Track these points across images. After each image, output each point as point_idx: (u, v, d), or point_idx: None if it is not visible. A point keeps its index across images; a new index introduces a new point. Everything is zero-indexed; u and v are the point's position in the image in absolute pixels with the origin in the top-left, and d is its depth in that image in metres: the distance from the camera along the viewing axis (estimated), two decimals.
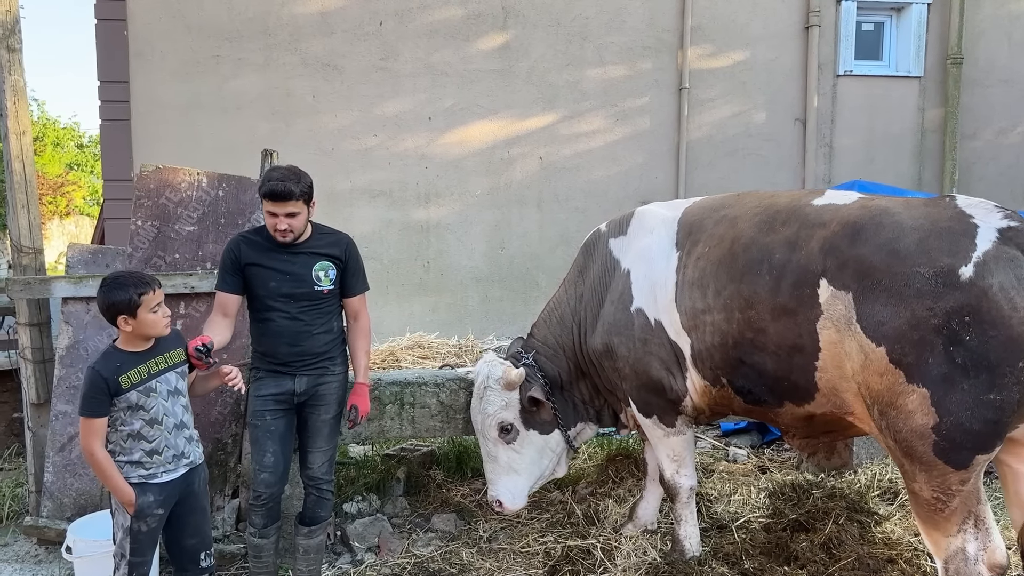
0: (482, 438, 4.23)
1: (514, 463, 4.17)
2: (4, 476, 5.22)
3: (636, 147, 8.37)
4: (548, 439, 4.23)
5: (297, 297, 3.64)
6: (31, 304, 4.57)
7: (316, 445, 3.77)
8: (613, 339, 3.94)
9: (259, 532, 3.72)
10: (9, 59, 4.49)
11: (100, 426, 3.09)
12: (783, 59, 8.52)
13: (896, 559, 3.87)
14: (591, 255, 4.28)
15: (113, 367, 3.10)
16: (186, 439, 3.28)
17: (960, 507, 2.95)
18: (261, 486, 3.67)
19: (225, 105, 7.72)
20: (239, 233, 3.83)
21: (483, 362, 4.31)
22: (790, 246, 3.30)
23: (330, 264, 3.70)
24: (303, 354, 3.68)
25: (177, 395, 3.26)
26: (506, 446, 4.16)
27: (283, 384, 3.69)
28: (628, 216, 4.19)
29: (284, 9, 7.77)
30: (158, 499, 3.18)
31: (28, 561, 4.29)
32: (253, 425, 3.72)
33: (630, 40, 8.30)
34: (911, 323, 2.89)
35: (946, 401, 2.84)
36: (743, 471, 5.27)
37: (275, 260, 3.64)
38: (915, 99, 8.80)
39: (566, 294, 4.37)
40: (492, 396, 4.14)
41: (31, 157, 4.59)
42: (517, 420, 4.15)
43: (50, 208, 24.33)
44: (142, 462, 3.15)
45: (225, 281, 3.69)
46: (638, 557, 4.04)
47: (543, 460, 4.25)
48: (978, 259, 2.84)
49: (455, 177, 8.14)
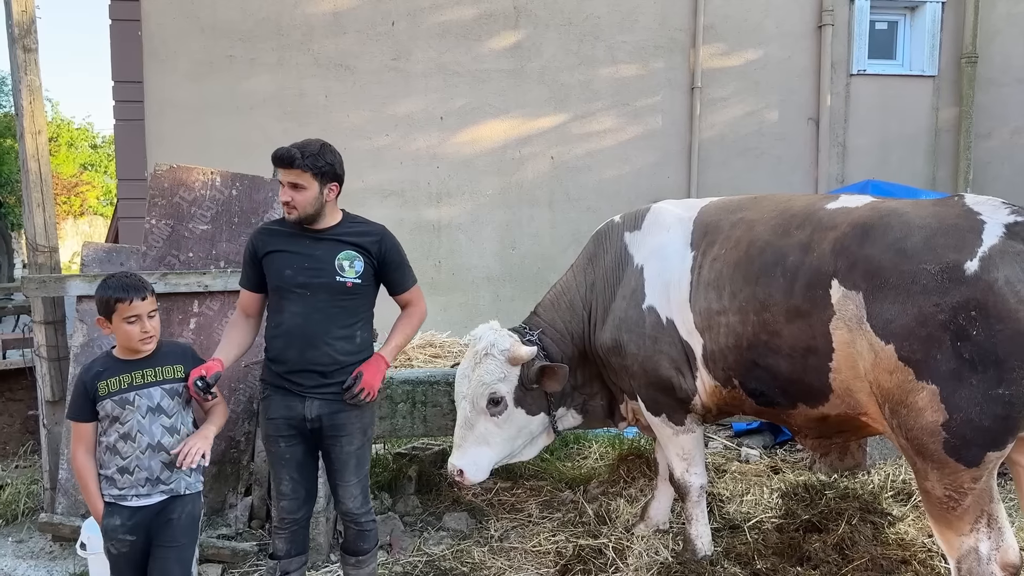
0: (463, 401, 4.07)
1: (490, 436, 4.04)
2: (19, 473, 5.26)
3: (648, 147, 8.36)
4: (531, 420, 4.13)
5: (314, 289, 3.22)
6: (46, 302, 4.60)
7: (344, 479, 3.35)
8: (623, 335, 3.93)
9: (281, 565, 3.37)
10: (25, 59, 4.52)
11: (85, 431, 2.96)
12: (796, 58, 8.49)
13: (910, 560, 3.85)
14: (603, 245, 4.24)
15: (95, 371, 2.98)
16: (164, 464, 2.99)
17: (973, 506, 2.94)
18: (282, 511, 3.37)
19: (238, 105, 7.76)
20: (263, 223, 3.57)
21: (488, 328, 4.15)
22: (803, 249, 3.32)
23: (356, 254, 3.28)
24: (313, 365, 3.23)
25: (159, 414, 3.00)
26: (488, 418, 4.02)
27: (293, 407, 3.27)
28: (643, 211, 4.17)
29: (297, 9, 7.80)
30: (126, 524, 2.95)
31: (43, 557, 4.32)
32: (268, 451, 3.40)
33: (642, 39, 8.28)
34: (918, 320, 2.90)
35: (955, 397, 2.84)
36: (755, 471, 5.25)
37: (294, 244, 3.28)
38: (929, 98, 8.74)
39: (575, 280, 4.30)
40: (492, 365, 4.00)
41: (47, 156, 4.63)
42: (510, 395, 4.02)
43: (64, 208, 24.52)
44: (114, 479, 2.97)
45: (245, 275, 3.41)
46: (650, 557, 4.03)
47: (517, 440, 4.15)
48: (983, 254, 2.85)
49: (466, 177, 8.14)
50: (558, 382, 3.98)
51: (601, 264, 4.20)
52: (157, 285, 4.32)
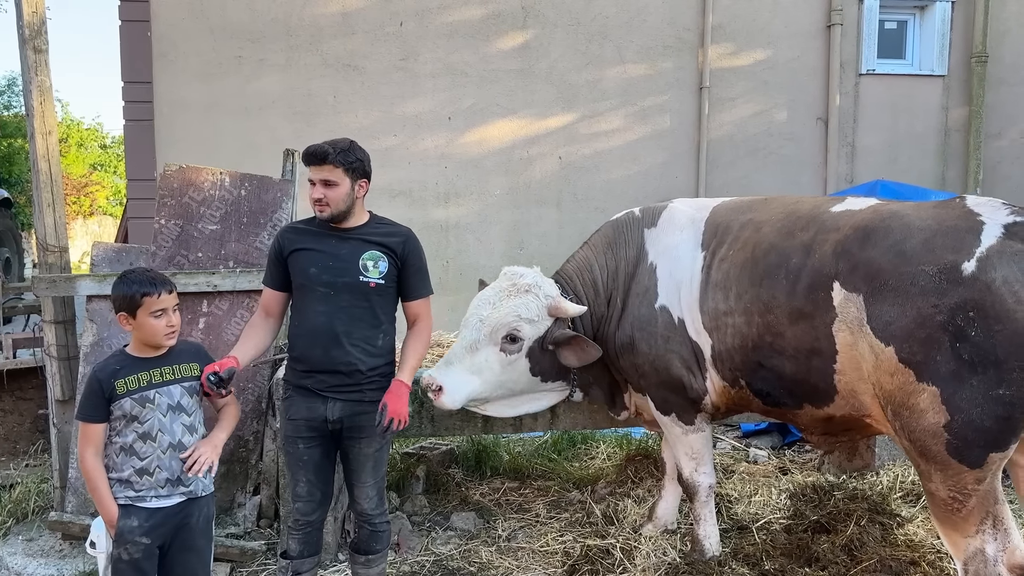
0: (479, 324, 3.90)
1: (486, 371, 3.87)
2: (29, 472, 5.28)
3: (656, 146, 8.35)
4: (530, 379, 4.00)
5: (338, 288, 3.22)
6: (56, 302, 4.63)
7: (361, 480, 3.37)
8: (636, 334, 3.91)
9: (293, 566, 3.35)
10: (36, 60, 4.54)
11: (96, 433, 2.87)
12: (805, 58, 8.46)
13: (919, 561, 3.84)
14: (623, 236, 4.15)
15: (111, 369, 2.89)
16: (184, 463, 2.95)
17: (977, 507, 2.94)
18: (296, 513, 3.37)
19: (247, 105, 7.78)
20: (290, 222, 3.53)
21: (535, 272, 4.03)
22: (806, 251, 3.34)
23: (381, 255, 3.29)
24: (336, 365, 3.22)
25: (179, 412, 2.96)
26: (497, 352, 3.86)
27: (315, 408, 3.26)
28: (661, 208, 4.13)
29: (305, 10, 7.81)
30: (143, 525, 2.87)
31: (53, 556, 4.34)
32: (286, 451, 3.40)
33: (650, 39, 8.27)
34: (917, 321, 2.92)
35: (956, 398, 2.85)
36: (764, 472, 5.24)
37: (321, 243, 3.28)
38: (939, 98, 8.71)
39: (596, 260, 4.17)
40: (532, 303, 3.86)
41: (57, 157, 4.65)
42: (527, 343, 3.89)
43: (74, 208, 24.62)
44: (131, 481, 2.88)
45: (269, 274, 3.39)
46: (657, 557, 4.03)
47: (504, 388, 3.98)
48: (981, 254, 2.86)
49: (474, 177, 8.14)
50: (579, 359, 3.87)
51: (623, 255, 4.11)
52: None
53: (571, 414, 4.63)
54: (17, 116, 18.65)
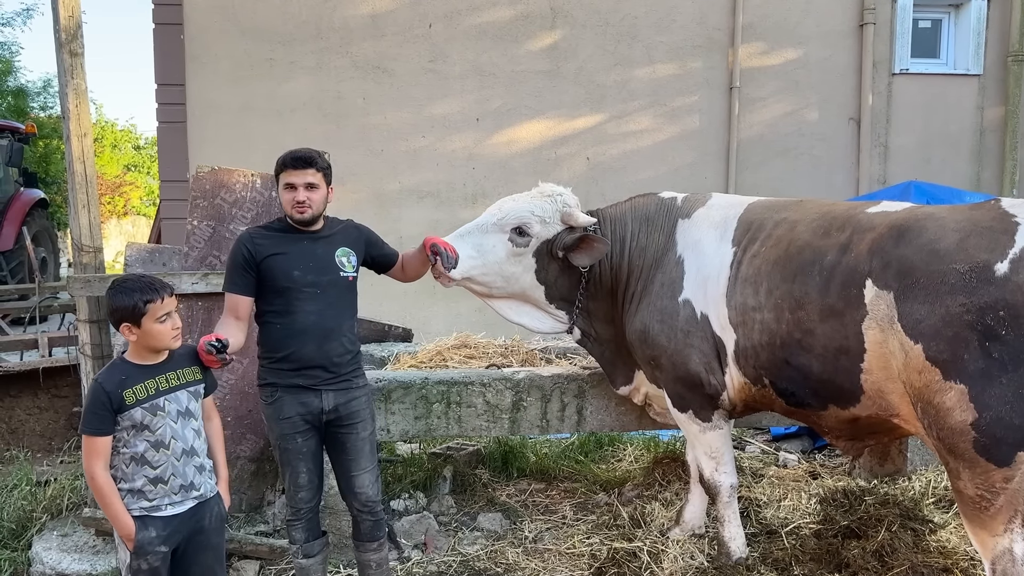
0: (496, 211, 4.02)
1: (490, 252, 3.94)
2: (64, 468, 5.36)
3: (685, 147, 8.31)
4: (535, 284, 4.05)
5: (324, 286, 3.40)
6: (91, 301, 4.69)
7: (361, 466, 3.52)
8: (655, 325, 3.87)
9: (303, 550, 3.52)
10: (72, 63, 4.61)
11: (103, 445, 2.79)
12: (837, 57, 8.38)
13: (952, 568, 3.78)
14: (661, 218, 4.09)
15: (117, 380, 2.82)
16: (196, 468, 2.94)
17: (1006, 506, 2.93)
18: (299, 503, 3.49)
19: (278, 107, 7.87)
20: (247, 230, 3.59)
21: (567, 190, 4.14)
22: (842, 249, 3.35)
23: (350, 250, 3.52)
24: (328, 358, 3.39)
25: (188, 417, 2.94)
26: (504, 241, 3.94)
27: (309, 403, 3.40)
28: (699, 200, 4.07)
29: (336, 13, 7.88)
30: (161, 535, 2.85)
31: (86, 552, 4.41)
32: (283, 449, 3.45)
33: (680, 39, 8.23)
34: (945, 320, 2.92)
35: (984, 397, 2.84)
36: (793, 476, 5.19)
37: (294, 246, 3.40)
38: (974, 98, 8.58)
39: (631, 226, 4.10)
40: (547, 206, 3.97)
41: (92, 158, 4.72)
42: (536, 244, 3.96)
43: (108, 208, 25.04)
44: (144, 491, 2.84)
45: (235, 282, 3.41)
46: (685, 561, 4.00)
47: (504, 280, 4.03)
48: (1015, 255, 2.86)
49: (502, 178, 8.15)
50: (590, 256, 3.90)
51: (654, 240, 4.05)
52: (199, 285, 4.40)
53: (598, 415, 4.62)
54: (53, 117, 18.98)
